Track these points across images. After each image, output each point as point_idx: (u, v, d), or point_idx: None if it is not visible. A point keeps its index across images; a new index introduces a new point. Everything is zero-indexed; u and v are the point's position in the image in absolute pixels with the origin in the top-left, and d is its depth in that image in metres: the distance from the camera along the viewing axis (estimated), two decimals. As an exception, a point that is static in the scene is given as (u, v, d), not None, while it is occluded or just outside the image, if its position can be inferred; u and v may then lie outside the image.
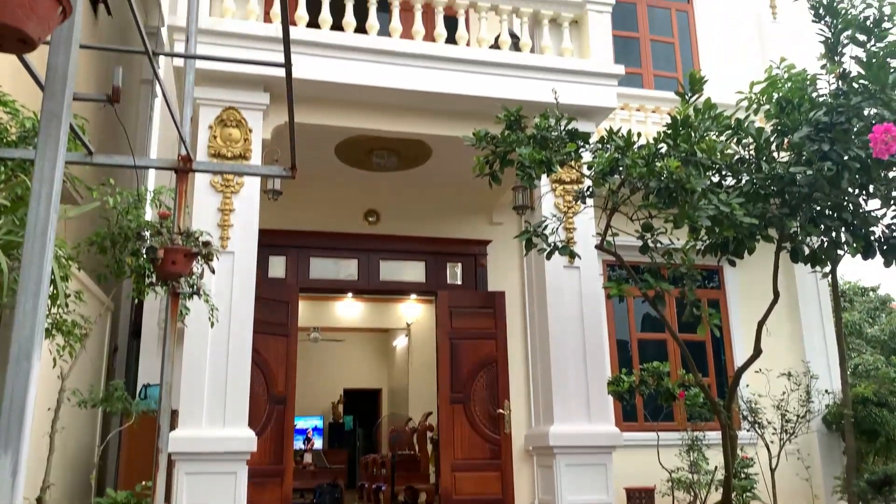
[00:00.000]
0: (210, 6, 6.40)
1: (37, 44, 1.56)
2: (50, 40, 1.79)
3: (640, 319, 9.19)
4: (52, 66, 1.78)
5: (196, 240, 3.40)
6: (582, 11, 7.20)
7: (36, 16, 1.50)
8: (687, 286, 5.11)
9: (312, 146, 7.51)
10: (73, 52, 1.79)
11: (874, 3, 5.57)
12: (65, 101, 1.76)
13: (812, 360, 9.27)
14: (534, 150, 5.00)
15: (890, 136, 3.72)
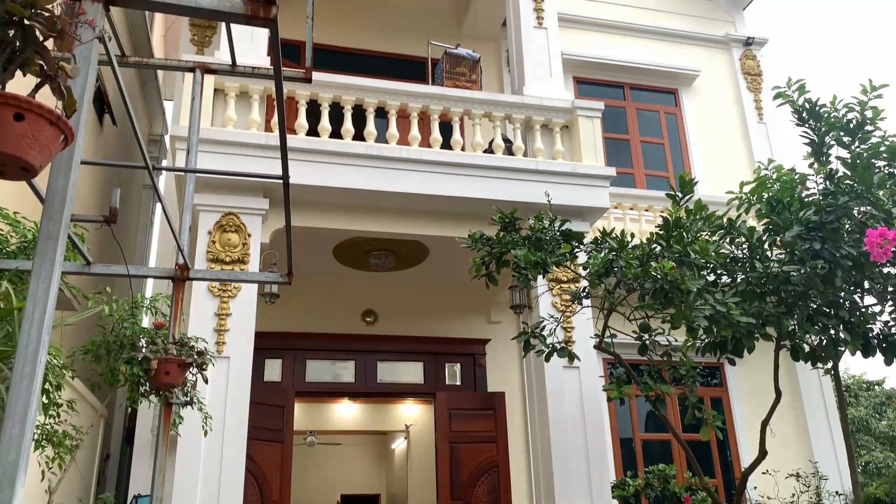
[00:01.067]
0: (212, 116, 6.59)
1: (38, 171, 1.60)
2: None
3: (643, 418, 9.03)
4: (52, 189, 1.81)
5: (190, 349, 3.38)
6: (572, 117, 7.42)
7: (39, 145, 1.55)
8: (688, 387, 5.05)
9: (311, 248, 7.59)
10: (72, 174, 1.84)
11: (856, 106, 5.76)
12: (62, 223, 1.79)
13: (820, 458, 9.05)
14: (529, 252, 5.05)
15: (886, 240, 3.77)
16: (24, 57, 1.59)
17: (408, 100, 7.17)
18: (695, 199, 9.39)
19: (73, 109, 1.68)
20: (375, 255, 7.71)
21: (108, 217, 2.35)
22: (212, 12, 2.12)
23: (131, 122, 2.56)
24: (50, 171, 1.84)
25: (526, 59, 7.80)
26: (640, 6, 11.10)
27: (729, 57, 11.15)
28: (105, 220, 2.37)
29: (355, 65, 9.82)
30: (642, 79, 10.57)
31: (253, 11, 2.14)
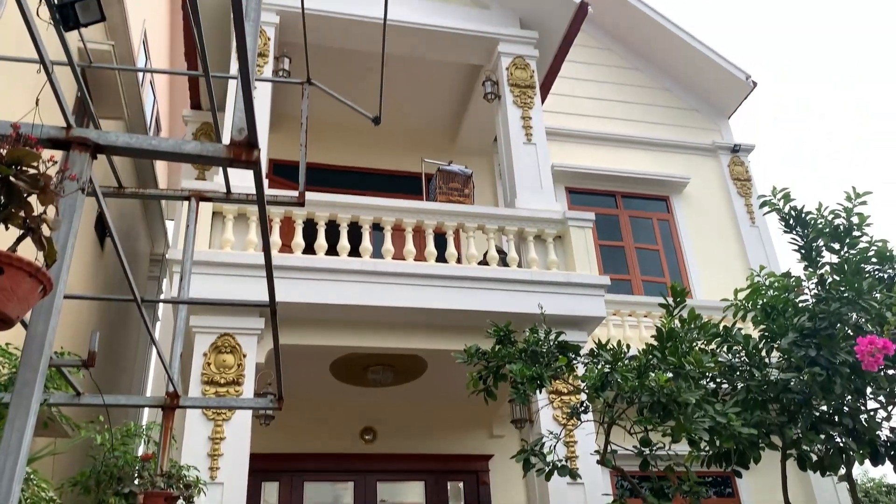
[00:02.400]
0: (210, 237, 6.71)
1: (15, 322, 1.62)
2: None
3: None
4: (31, 336, 1.84)
5: (178, 482, 3.31)
6: (564, 228, 7.54)
7: (17, 297, 1.58)
8: (690, 502, 4.88)
9: (307, 365, 7.54)
10: (52, 320, 1.86)
11: (842, 213, 5.86)
12: (40, 369, 1.80)
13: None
14: (524, 367, 5.01)
15: (875, 348, 3.75)
16: (7, 212, 1.65)
17: (402, 215, 7.32)
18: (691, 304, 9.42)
19: (53, 260, 1.72)
20: (373, 370, 7.65)
21: (86, 361, 2.35)
22: (196, 157, 2.21)
23: (120, 259, 2.61)
24: (30, 318, 1.87)
25: (517, 173, 8.00)
26: (629, 119, 11.50)
27: (717, 164, 11.44)
28: (83, 363, 2.38)
29: (354, 182, 10.09)
30: (633, 187, 10.81)
31: (235, 155, 2.22)
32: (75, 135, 2.12)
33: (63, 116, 2.25)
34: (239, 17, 1.84)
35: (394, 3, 8.69)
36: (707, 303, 8.98)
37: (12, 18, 5.26)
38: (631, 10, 11.77)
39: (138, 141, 2.16)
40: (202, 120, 9.76)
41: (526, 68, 8.72)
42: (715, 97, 11.90)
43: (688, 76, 11.91)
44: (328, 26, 8.49)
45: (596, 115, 11.36)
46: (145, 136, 2.15)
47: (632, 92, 11.75)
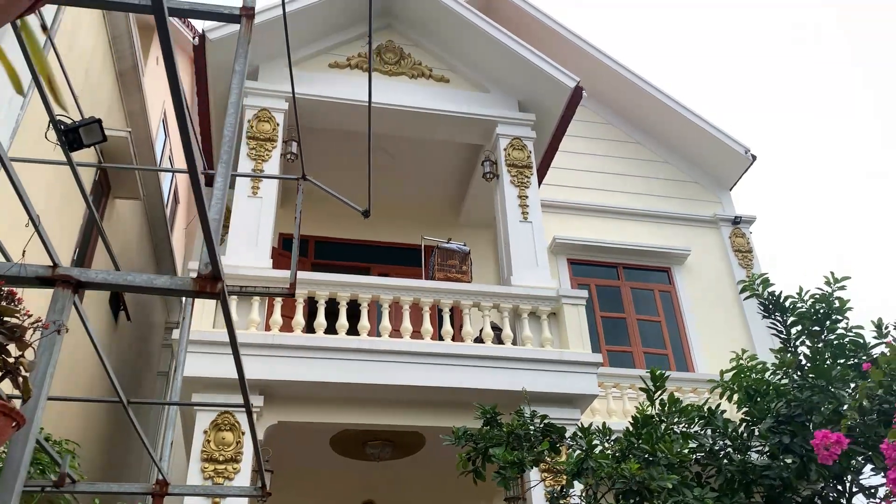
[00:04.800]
0: (214, 317, 7.01)
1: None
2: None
3: None
4: (9, 461, 2.10)
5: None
6: (558, 305, 7.76)
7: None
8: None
9: (308, 440, 7.74)
10: (28, 446, 2.12)
11: (822, 298, 6.02)
12: (14, 492, 2.06)
13: None
14: (506, 451, 5.17)
15: (830, 442, 3.89)
16: (-12, 359, 1.93)
17: (400, 293, 7.59)
18: (692, 377, 9.50)
19: (29, 396, 2.00)
20: (372, 445, 7.82)
21: (56, 482, 2.61)
22: (166, 290, 2.50)
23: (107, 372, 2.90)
24: (9, 444, 2.14)
25: (513, 251, 8.27)
26: (630, 191, 11.79)
27: (719, 235, 11.64)
28: (54, 484, 2.63)
29: (360, 254, 10.43)
30: (635, 259, 11.02)
31: (201, 287, 2.50)
32: (60, 273, 2.42)
33: (49, 256, 2.56)
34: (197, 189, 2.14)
35: (400, 90, 9.18)
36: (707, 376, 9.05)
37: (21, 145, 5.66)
38: (631, 85, 12.17)
39: (115, 277, 2.46)
40: (216, 197, 10.17)
41: (523, 149, 9.07)
42: (715, 170, 12.17)
43: (688, 149, 12.22)
44: (336, 111, 8.93)
45: (597, 187, 11.66)
46: (122, 273, 2.44)
47: (633, 165, 12.07)
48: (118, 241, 9.27)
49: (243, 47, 2.58)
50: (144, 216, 10.46)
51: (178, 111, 1.92)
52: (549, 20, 12.09)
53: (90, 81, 7.82)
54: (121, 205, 9.17)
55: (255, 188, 7.83)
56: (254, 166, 8.11)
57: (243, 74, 2.68)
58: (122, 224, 9.41)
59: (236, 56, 2.58)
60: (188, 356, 5.83)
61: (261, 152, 8.19)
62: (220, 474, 6.33)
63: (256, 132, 8.34)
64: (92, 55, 7.75)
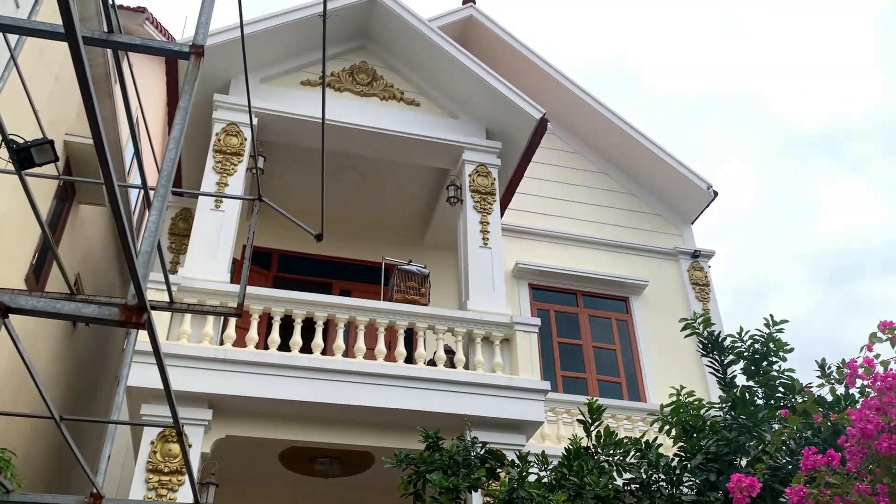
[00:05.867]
0: (169, 329, 7.08)
1: None
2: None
3: None
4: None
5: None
6: (511, 331, 7.92)
7: None
8: None
9: (257, 454, 7.81)
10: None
11: (760, 339, 6.24)
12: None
13: None
14: (442, 478, 5.30)
15: (743, 486, 4.07)
16: None
17: (356, 313, 7.70)
18: (645, 407, 9.69)
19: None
20: (320, 461, 7.90)
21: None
22: (94, 319, 2.61)
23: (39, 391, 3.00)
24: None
25: (471, 276, 8.44)
26: (594, 220, 12.02)
27: (678, 268, 11.90)
28: None
29: (323, 270, 10.53)
30: (594, 287, 11.23)
31: (127, 318, 2.61)
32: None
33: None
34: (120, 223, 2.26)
35: (371, 112, 9.34)
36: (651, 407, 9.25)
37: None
38: (601, 118, 12.44)
39: (43, 304, 2.57)
40: (182, 206, 10.26)
41: (487, 175, 9.26)
42: (678, 204, 12.45)
43: (652, 182, 12.49)
44: (304, 128, 9.05)
45: (562, 215, 11.88)
46: (50, 300, 2.54)
47: (598, 195, 12.31)
48: (82, 246, 9.31)
49: (189, 84, 2.71)
50: (110, 222, 10.48)
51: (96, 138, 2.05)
52: (526, 50, 12.33)
53: (60, 86, 7.89)
54: (86, 210, 9.21)
55: (217, 202, 7.92)
56: (219, 179, 8.20)
57: (187, 111, 2.80)
58: (86, 229, 9.45)
59: (182, 92, 2.71)
60: (135, 367, 5.90)
61: (227, 166, 8.29)
62: (164, 486, 6.38)
63: (224, 146, 8.45)
64: (63, 61, 7.82)
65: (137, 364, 6.34)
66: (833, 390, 5.00)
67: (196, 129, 8.92)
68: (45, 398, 3.29)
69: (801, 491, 3.67)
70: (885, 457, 3.65)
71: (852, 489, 3.60)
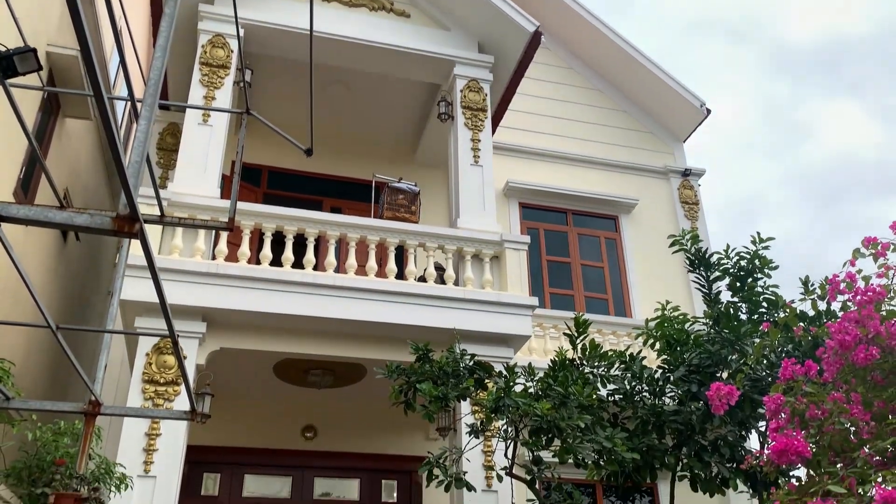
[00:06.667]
0: (160, 243, 7.10)
1: None
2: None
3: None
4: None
5: (88, 484, 3.73)
6: (501, 249, 7.99)
7: None
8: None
9: (251, 365, 7.97)
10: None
11: (746, 255, 6.34)
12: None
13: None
14: (432, 387, 5.46)
15: (722, 394, 4.21)
16: None
17: (347, 230, 7.73)
18: (631, 322, 9.88)
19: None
20: (314, 373, 8.08)
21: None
22: (86, 228, 2.62)
23: (34, 299, 3.03)
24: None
25: (462, 194, 8.43)
26: (585, 138, 11.95)
27: (668, 186, 11.92)
28: None
29: (311, 187, 10.50)
30: (584, 206, 11.27)
31: (119, 227, 2.62)
32: (-20, 207, 2.52)
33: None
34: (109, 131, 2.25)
35: (360, 23, 9.11)
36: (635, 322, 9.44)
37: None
38: (594, 31, 12.19)
39: (35, 213, 2.57)
40: (169, 120, 10.11)
41: (479, 91, 9.13)
42: (670, 122, 12.36)
43: (645, 100, 12.36)
44: (291, 39, 8.83)
45: (554, 133, 11.79)
46: (41, 209, 2.56)
47: (590, 112, 12.19)
48: (69, 160, 9.20)
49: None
50: (97, 136, 10.34)
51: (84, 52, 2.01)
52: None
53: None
54: (72, 124, 9.06)
55: (205, 115, 7.81)
56: (206, 93, 8.06)
57: (173, 18, 2.76)
58: (73, 143, 9.31)
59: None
60: (128, 280, 5.95)
61: (213, 79, 8.14)
62: (160, 396, 6.54)
63: (210, 58, 8.26)
64: (41, -32, 7.54)
65: (130, 278, 6.39)
66: (815, 304, 5.14)
67: (182, 42, 8.70)
68: (40, 307, 3.34)
69: (778, 399, 3.80)
70: (861, 367, 3.77)
71: (827, 398, 3.74)
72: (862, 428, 3.67)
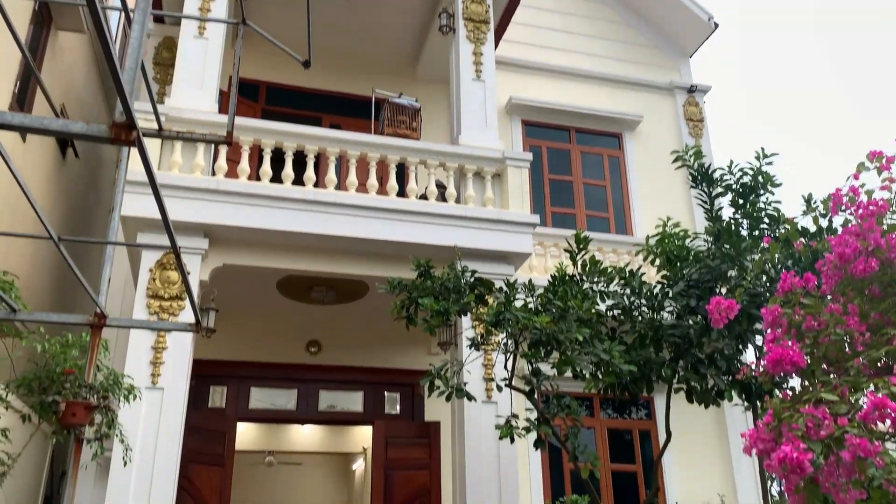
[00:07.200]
0: (160, 158, 7.05)
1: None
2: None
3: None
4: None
5: (98, 393, 3.82)
6: (503, 166, 7.93)
7: None
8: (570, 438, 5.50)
9: (255, 282, 8.04)
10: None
11: (749, 171, 6.29)
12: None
13: (742, 488, 9.58)
14: (433, 301, 5.52)
15: (722, 308, 4.25)
16: None
17: (347, 147, 7.66)
18: (631, 240, 9.91)
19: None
20: (317, 289, 8.16)
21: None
22: (82, 136, 2.59)
23: (32, 206, 3.02)
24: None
25: (463, 110, 8.31)
26: (590, 53, 11.68)
27: (673, 103, 11.73)
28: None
29: (310, 103, 10.34)
30: (588, 123, 11.13)
31: (116, 135, 2.60)
32: (-25, 114, 2.49)
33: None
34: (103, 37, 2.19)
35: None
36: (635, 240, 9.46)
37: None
38: (602, -59, 11.75)
39: (31, 121, 2.54)
40: (164, 34, 9.88)
41: (482, 2, 8.87)
42: (677, 36, 12.06)
43: (651, 12, 12.03)
44: (288, -50, 8.54)
45: (557, 47, 11.53)
46: (37, 117, 2.52)
47: (595, 25, 11.89)
48: (64, 76, 9.04)
49: None
50: (92, 50, 10.12)
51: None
52: None
53: None
54: (65, 38, 8.85)
55: (201, 28, 7.62)
56: (200, 4, 7.85)
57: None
58: (67, 57, 9.13)
59: None
60: (128, 196, 5.93)
61: (209, -11, 7.90)
62: (165, 311, 6.63)
63: (204, -33, 7.99)
64: None
65: (130, 194, 6.37)
66: (816, 220, 5.13)
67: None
68: (39, 216, 3.34)
69: (775, 311, 3.84)
70: (859, 279, 3.80)
71: (824, 309, 3.78)
72: (857, 339, 3.72)
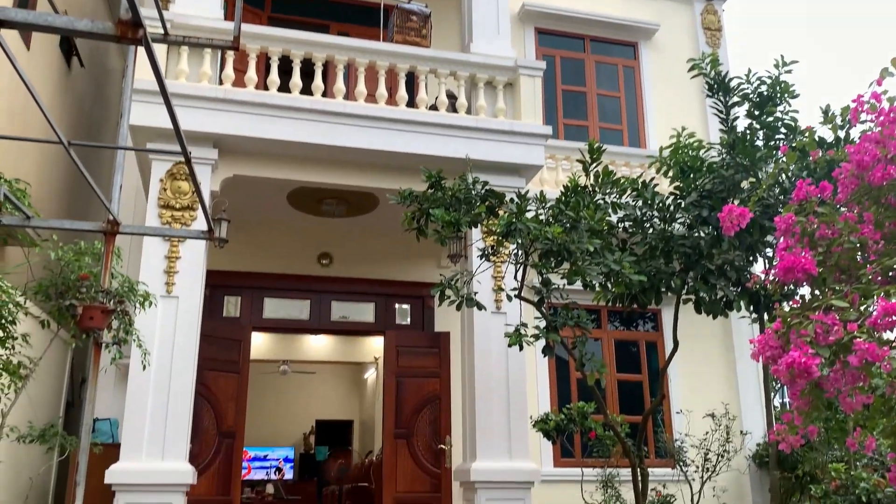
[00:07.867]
0: (166, 67, 6.94)
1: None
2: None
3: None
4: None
5: (114, 298, 3.89)
6: (515, 75, 7.76)
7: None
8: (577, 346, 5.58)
9: (265, 194, 8.04)
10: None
11: (767, 80, 6.14)
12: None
13: (745, 398, 9.77)
14: (445, 212, 5.51)
15: (734, 216, 4.21)
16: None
17: (355, 55, 7.49)
18: (645, 153, 9.79)
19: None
20: (327, 202, 8.16)
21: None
22: (88, 33, 2.54)
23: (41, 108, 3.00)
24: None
25: (475, 17, 8.08)
26: (607, -43, 11.23)
27: (691, 12, 11.35)
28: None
29: (317, 11, 10.07)
30: (603, 31, 10.81)
31: (122, 33, 2.54)
32: (-23, 11, 2.43)
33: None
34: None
35: None
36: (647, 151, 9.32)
37: None
38: None
39: (34, 17, 2.48)
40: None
41: None
42: (698, -62, 11.55)
43: (674, -86, 11.49)
44: None
45: (573, -50, 11.08)
46: (41, 13, 2.47)
47: (614, -74, 11.38)
48: None
49: None
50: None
51: None
52: None
53: None
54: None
55: (204, -70, 7.34)
56: None
57: None
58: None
59: None
60: (135, 105, 5.87)
61: None
62: (177, 220, 6.65)
63: None
64: None
65: (138, 103, 6.31)
66: (835, 129, 5.04)
67: None
68: (49, 120, 3.31)
69: (789, 219, 3.81)
70: (876, 188, 3.75)
71: (839, 217, 3.75)
72: (870, 248, 3.71)
